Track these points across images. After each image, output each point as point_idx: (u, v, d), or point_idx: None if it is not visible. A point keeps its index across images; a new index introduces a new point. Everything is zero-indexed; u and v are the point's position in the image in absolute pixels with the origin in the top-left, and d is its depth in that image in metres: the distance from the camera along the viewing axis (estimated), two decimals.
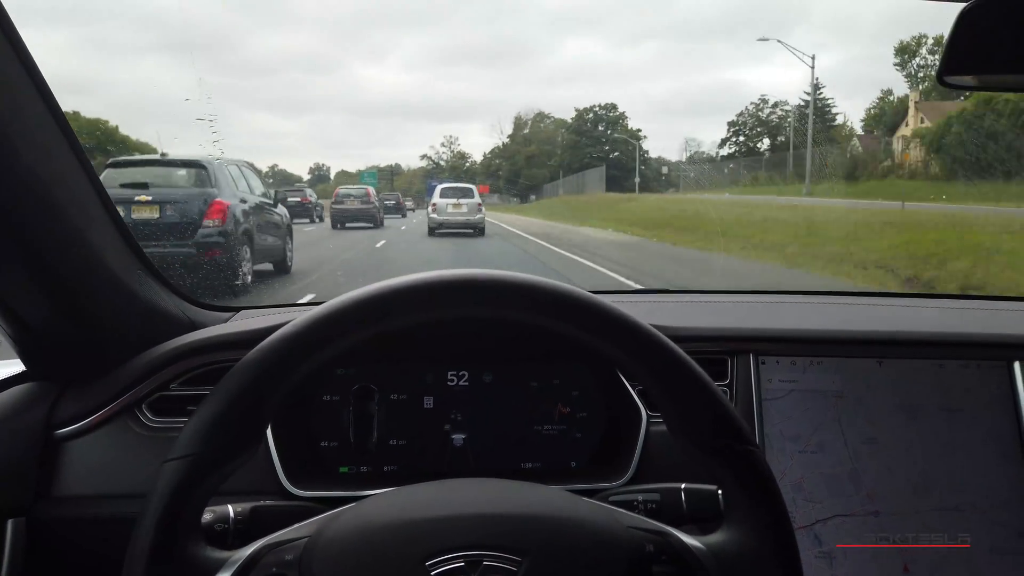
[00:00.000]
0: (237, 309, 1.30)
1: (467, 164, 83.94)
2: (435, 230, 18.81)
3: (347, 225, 19.72)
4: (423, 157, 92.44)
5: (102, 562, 0.90)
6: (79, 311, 0.94)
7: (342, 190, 23.37)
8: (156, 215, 6.44)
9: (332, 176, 53.55)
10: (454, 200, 19.57)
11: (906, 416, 1.09)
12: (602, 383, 1.11)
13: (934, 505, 1.07)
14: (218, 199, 6.69)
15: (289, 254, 8.48)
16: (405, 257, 12.62)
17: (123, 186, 6.39)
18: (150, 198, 6.46)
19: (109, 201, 0.97)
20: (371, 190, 23.76)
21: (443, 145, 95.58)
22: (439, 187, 21.42)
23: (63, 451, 0.98)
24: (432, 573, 0.57)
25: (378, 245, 15.08)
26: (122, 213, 2.40)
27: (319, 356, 0.61)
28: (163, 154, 7.26)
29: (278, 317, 1.19)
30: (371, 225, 21.94)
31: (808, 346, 1.12)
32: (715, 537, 0.65)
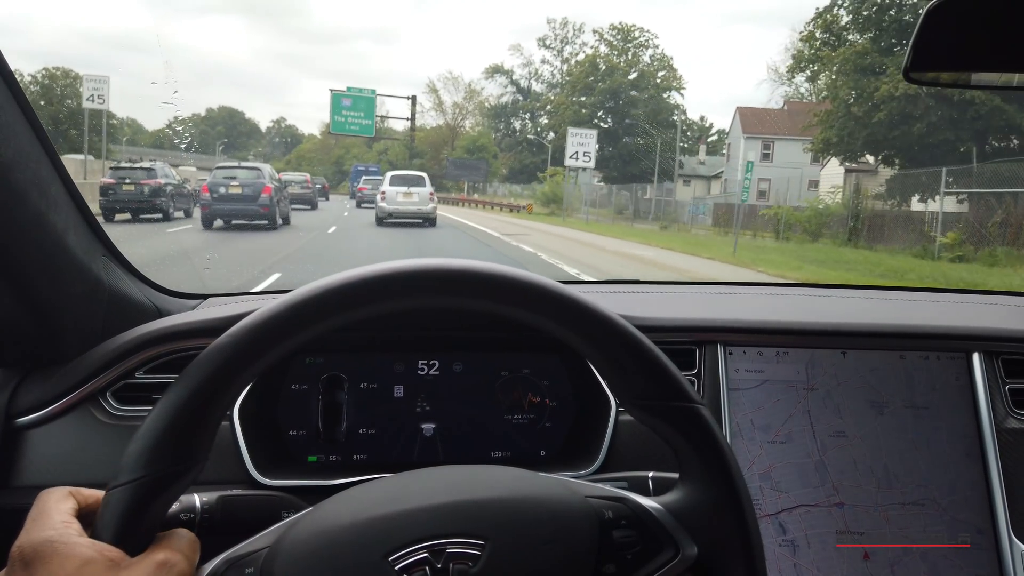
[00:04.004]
0: (204, 296, 1.30)
1: (643, 58, 41.19)
2: (384, 220, 18.77)
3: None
4: (493, 73, 52.26)
5: None
6: (40, 297, 0.92)
7: (285, 176, 26.77)
8: (241, 191, 15.54)
9: (329, 95, 39.28)
10: (404, 189, 19.35)
11: (874, 411, 1.12)
12: (572, 373, 1.13)
13: (896, 500, 1.09)
14: (267, 185, 15.83)
15: (289, 213, 18.62)
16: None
17: (224, 177, 15.64)
18: (238, 183, 15.57)
19: (72, 184, 0.95)
20: (309, 177, 27.60)
21: (555, 30, 53.70)
22: (389, 175, 21.02)
23: (24, 440, 0.97)
24: (396, 567, 0.57)
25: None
26: (224, 191, 16.62)
27: (266, 360, 0.60)
28: (240, 162, 18.35)
29: (244, 305, 1.20)
30: (308, 207, 24.90)
31: (774, 337, 1.15)
32: (671, 496, 0.67)
